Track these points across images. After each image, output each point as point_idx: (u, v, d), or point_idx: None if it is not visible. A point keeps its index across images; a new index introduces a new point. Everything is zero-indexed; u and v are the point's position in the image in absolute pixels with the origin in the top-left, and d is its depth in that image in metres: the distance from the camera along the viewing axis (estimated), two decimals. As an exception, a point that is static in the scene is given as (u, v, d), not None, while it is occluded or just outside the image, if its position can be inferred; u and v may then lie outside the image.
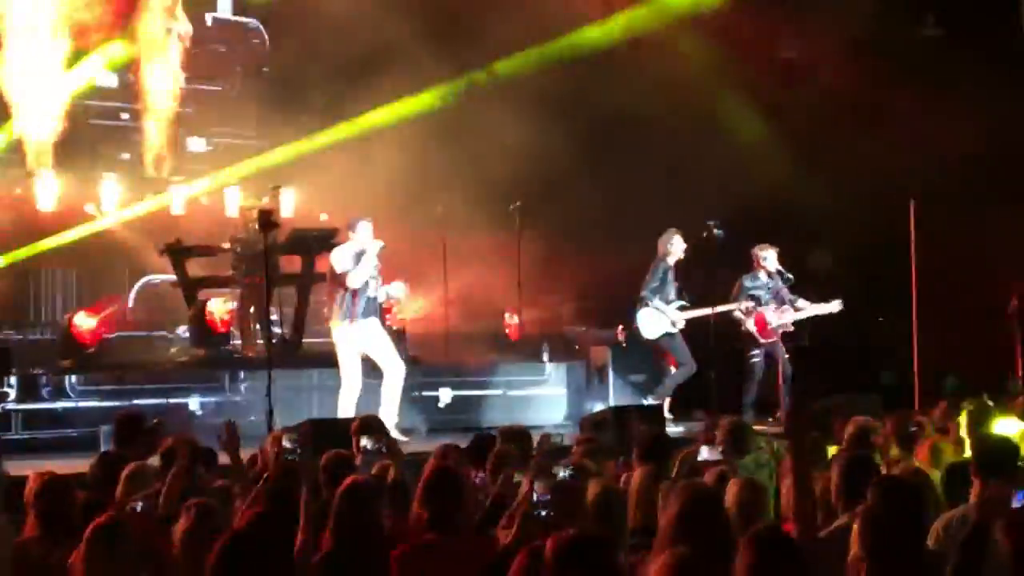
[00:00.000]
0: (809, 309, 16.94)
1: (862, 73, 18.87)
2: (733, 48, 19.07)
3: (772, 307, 16.91)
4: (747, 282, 16.94)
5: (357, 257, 14.46)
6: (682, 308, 16.64)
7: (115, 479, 8.55)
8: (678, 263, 16.69)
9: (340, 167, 19.09)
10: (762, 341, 16.85)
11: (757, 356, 16.90)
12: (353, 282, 14.40)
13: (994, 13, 19.14)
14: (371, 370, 14.98)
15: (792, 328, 16.99)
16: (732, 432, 9.37)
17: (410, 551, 6.86)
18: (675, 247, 16.59)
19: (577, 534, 5.44)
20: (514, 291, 18.61)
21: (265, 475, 8.03)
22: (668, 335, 16.64)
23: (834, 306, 16.96)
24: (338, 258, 14.57)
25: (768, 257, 16.94)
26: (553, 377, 18.12)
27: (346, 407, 14.49)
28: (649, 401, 16.30)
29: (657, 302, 16.50)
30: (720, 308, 16.54)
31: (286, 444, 7.55)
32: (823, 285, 17.62)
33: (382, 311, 16.71)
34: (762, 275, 16.96)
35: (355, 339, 14.59)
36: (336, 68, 19.74)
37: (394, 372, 14.76)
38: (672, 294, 16.61)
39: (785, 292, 16.95)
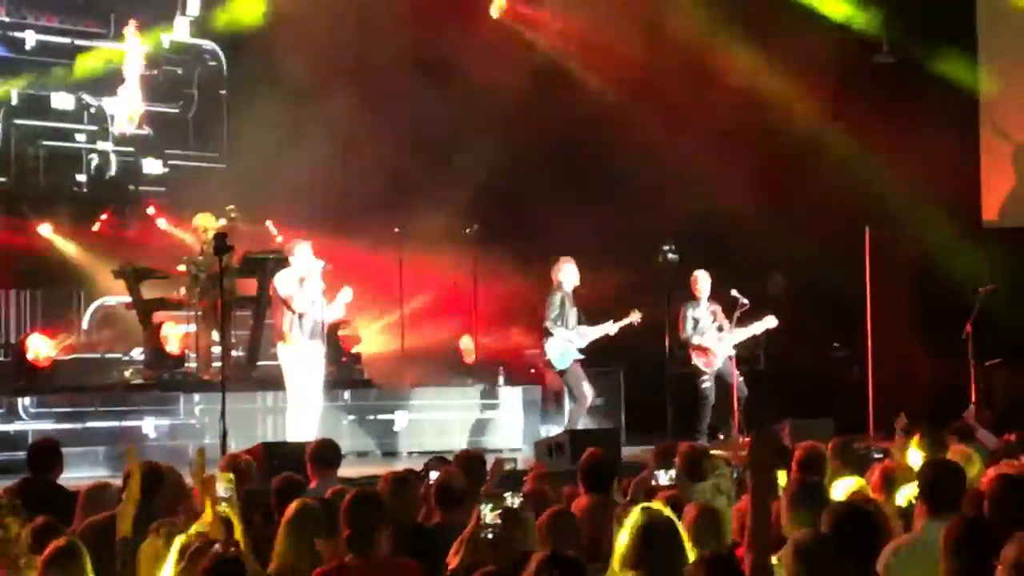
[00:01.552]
0: (743, 331, 17.06)
1: (817, 100, 19.00)
2: (689, 73, 19.15)
3: (714, 333, 17.05)
4: (689, 310, 17.11)
5: (300, 281, 14.47)
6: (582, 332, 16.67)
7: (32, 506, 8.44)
8: (576, 289, 16.69)
9: (294, 180, 19.07)
10: (705, 369, 17.01)
11: (707, 381, 17.04)
12: (298, 306, 14.42)
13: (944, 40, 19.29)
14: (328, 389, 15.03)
15: (732, 353, 17.10)
16: (689, 457, 9.36)
17: (328, 574, 6.84)
18: (567, 275, 16.60)
19: (552, 554, 5.50)
20: (470, 314, 18.62)
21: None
22: (576, 362, 16.65)
23: (768, 322, 17.09)
24: (281, 283, 14.59)
25: (700, 281, 17.09)
26: (509, 401, 18.12)
27: (298, 428, 14.45)
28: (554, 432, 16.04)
29: (560, 330, 16.52)
30: (617, 324, 16.69)
31: (220, 493, 6.70)
32: (778, 309, 17.68)
33: (333, 330, 16.77)
34: (702, 301, 17.13)
35: (302, 360, 14.57)
36: (295, 90, 19.73)
37: (318, 401, 14.77)
38: (572, 320, 16.62)
39: (721, 316, 17.09)
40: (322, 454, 10.26)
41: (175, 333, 17.02)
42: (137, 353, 17.96)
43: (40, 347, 16.75)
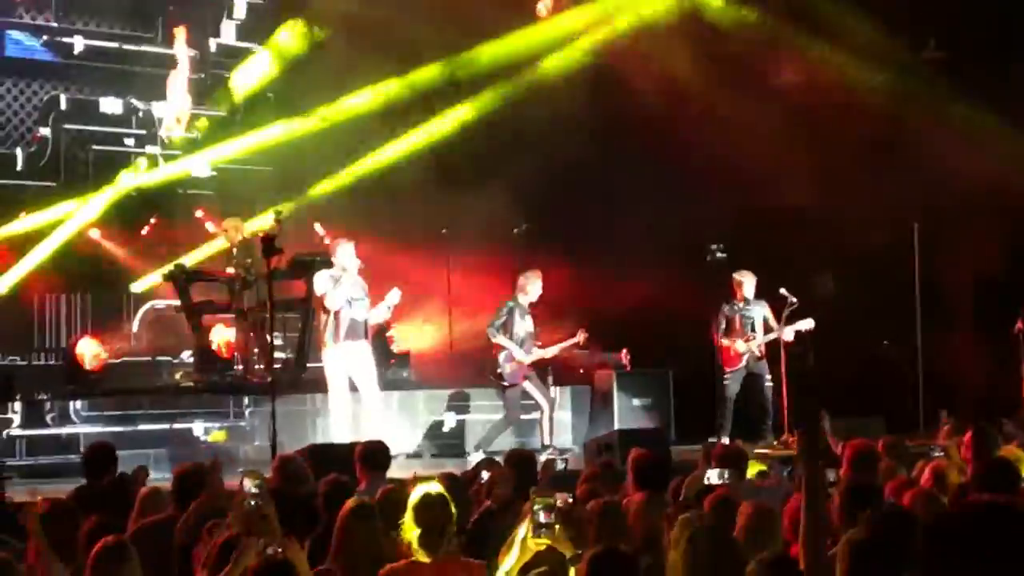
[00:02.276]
0: (778, 331, 16.92)
1: (866, 97, 18.89)
2: (737, 71, 19.08)
3: (740, 334, 16.91)
4: (725, 309, 16.99)
5: (335, 280, 14.48)
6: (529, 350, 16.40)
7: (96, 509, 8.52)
8: (531, 304, 16.45)
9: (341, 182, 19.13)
10: (727, 369, 16.90)
11: (728, 379, 16.90)
12: (331, 304, 14.45)
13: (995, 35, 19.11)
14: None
15: (759, 354, 16.95)
16: (732, 456, 9.34)
17: (395, 572, 6.85)
18: (529, 287, 16.31)
19: (605, 549, 5.53)
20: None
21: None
22: (518, 384, 16.31)
23: (806, 324, 16.94)
24: (318, 282, 14.64)
25: (745, 283, 16.97)
26: (558, 401, 18.10)
27: (340, 429, 14.44)
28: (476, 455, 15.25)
29: (501, 338, 16.22)
30: (561, 344, 16.62)
31: (248, 488, 6.53)
32: (828, 308, 17.59)
33: (382, 331, 16.77)
34: (742, 302, 17.01)
35: (340, 360, 14.56)
36: (341, 89, 19.79)
37: (370, 400, 14.69)
38: (521, 333, 16.29)
39: (771, 317, 16.95)
40: (371, 456, 10.25)
41: (224, 336, 17.05)
42: (187, 356, 18.02)
43: (90, 351, 16.82)
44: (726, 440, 15.34)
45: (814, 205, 18.09)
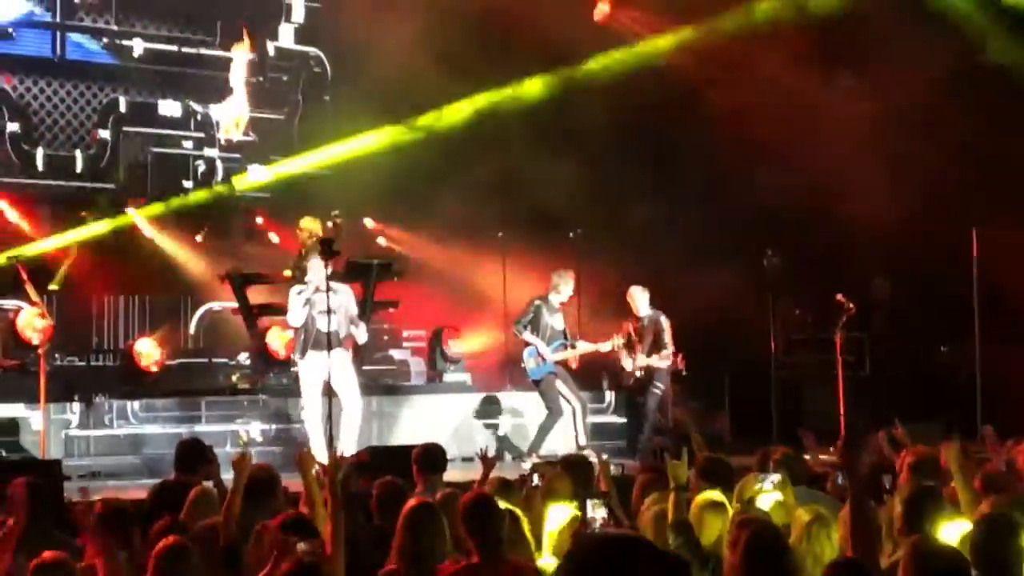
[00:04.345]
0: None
1: (922, 98, 18.78)
2: (793, 73, 19.01)
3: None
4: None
5: (301, 294, 14.43)
6: (560, 348, 16.38)
7: (175, 505, 8.64)
8: (563, 304, 16.46)
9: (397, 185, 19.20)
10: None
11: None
12: (293, 321, 14.47)
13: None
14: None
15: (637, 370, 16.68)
16: (782, 463, 9.31)
17: (457, 573, 6.89)
18: (560, 286, 16.31)
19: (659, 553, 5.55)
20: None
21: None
22: (552, 375, 16.32)
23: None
24: (289, 298, 14.62)
25: (637, 298, 16.69)
26: (613, 405, 18.09)
27: (316, 437, 14.33)
28: (529, 460, 15.21)
29: (527, 335, 16.29)
30: (595, 346, 16.51)
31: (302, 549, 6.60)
32: (884, 313, 17.54)
33: (438, 334, 16.82)
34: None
35: (310, 372, 14.48)
36: (396, 95, 19.83)
37: (351, 408, 14.65)
38: (548, 332, 16.28)
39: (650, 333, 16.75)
40: (428, 459, 10.28)
41: (281, 338, 17.11)
42: (243, 358, 18.10)
43: (148, 352, 16.92)
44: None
45: (872, 209, 18.01)
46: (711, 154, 19.21)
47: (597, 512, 6.82)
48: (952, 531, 7.05)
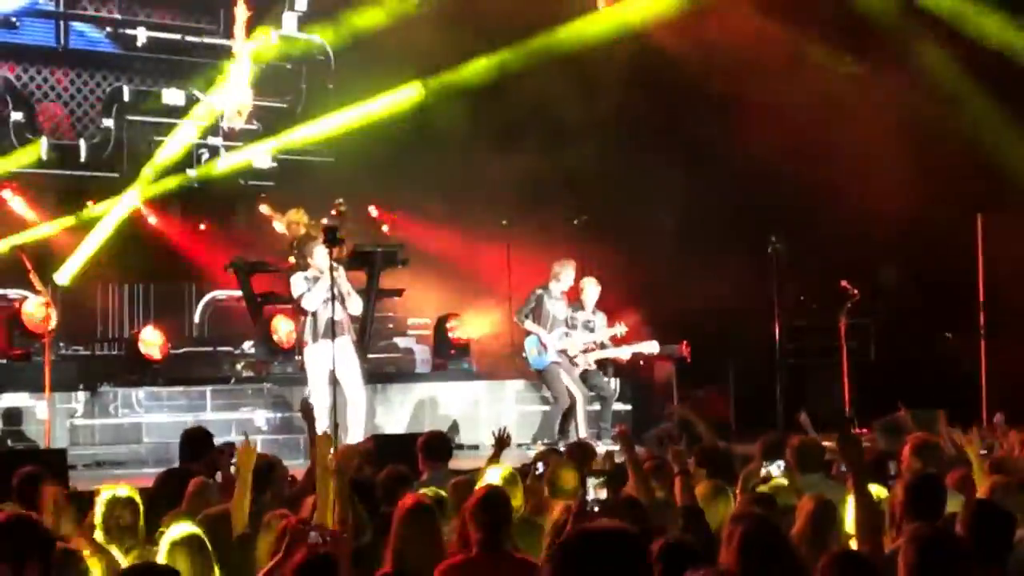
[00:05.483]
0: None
1: (923, 88, 18.76)
2: (795, 62, 18.98)
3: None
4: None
5: (311, 281, 14.45)
6: (564, 336, 16.48)
7: (181, 493, 8.65)
8: (566, 293, 16.56)
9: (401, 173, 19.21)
10: None
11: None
12: (308, 306, 14.45)
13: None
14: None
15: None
16: (799, 450, 9.30)
17: (452, 569, 6.84)
18: (561, 276, 16.45)
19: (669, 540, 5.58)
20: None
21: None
22: (555, 363, 16.44)
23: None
24: (295, 284, 14.63)
25: (585, 287, 16.81)
26: (618, 392, 18.08)
27: (322, 424, 14.32)
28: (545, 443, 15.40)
29: (530, 324, 16.41)
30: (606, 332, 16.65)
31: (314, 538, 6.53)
32: (890, 300, 17.51)
33: (442, 322, 16.83)
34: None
35: (320, 358, 14.47)
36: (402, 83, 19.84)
37: (355, 395, 14.64)
38: (549, 321, 16.41)
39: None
40: (433, 447, 10.30)
41: (286, 327, 17.10)
42: (248, 346, 18.10)
43: (153, 341, 16.91)
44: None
45: (876, 195, 18.00)
46: (716, 140, 19.16)
47: (599, 493, 6.83)
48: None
